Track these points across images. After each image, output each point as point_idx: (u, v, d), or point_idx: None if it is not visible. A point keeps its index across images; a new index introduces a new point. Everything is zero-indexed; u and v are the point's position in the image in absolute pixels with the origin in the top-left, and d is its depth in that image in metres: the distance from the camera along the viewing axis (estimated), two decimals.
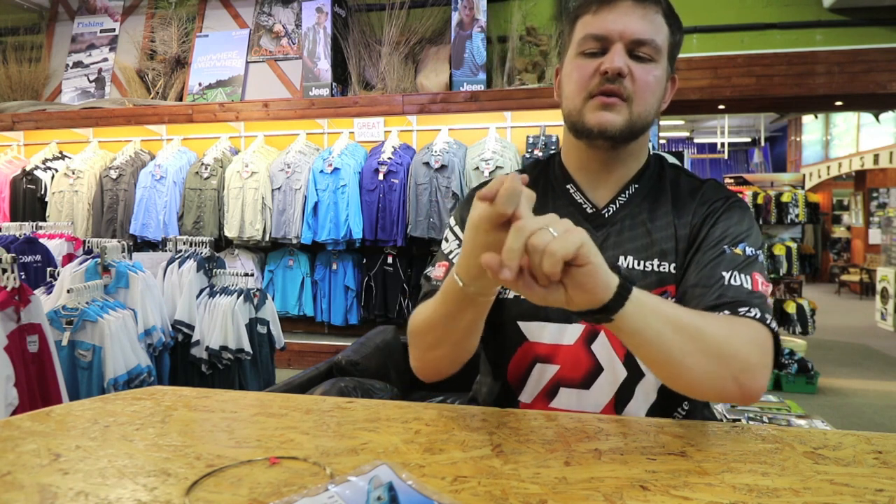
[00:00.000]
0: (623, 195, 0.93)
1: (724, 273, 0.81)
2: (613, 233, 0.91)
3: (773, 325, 0.78)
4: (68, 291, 2.23)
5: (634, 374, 0.87)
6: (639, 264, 0.88)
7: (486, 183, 0.99)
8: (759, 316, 0.76)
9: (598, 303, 0.64)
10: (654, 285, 0.87)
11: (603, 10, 0.85)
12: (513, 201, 0.60)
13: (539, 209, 0.63)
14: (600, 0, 0.86)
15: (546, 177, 0.99)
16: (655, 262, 0.88)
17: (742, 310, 0.77)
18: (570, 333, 0.88)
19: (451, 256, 0.93)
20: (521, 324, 0.90)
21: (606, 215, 0.92)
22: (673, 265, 0.88)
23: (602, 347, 0.87)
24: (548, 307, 0.84)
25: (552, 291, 0.62)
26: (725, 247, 0.84)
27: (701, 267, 0.84)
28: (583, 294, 0.62)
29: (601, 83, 0.84)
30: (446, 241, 0.97)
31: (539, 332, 0.90)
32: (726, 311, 0.77)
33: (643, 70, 0.84)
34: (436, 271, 0.93)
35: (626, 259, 0.89)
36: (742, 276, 0.81)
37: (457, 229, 0.96)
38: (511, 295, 0.91)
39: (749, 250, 0.84)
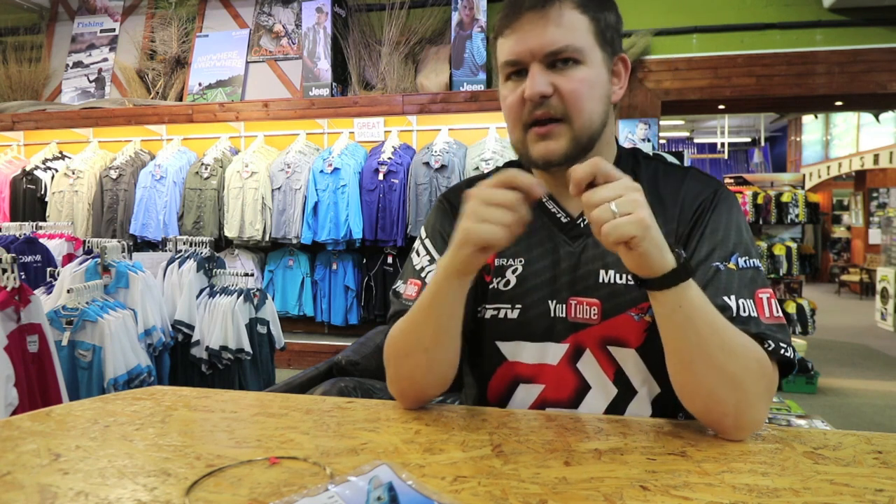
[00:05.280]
0: None
1: (726, 300, 0.76)
2: (591, 244, 0.85)
3: (789, 352, 0.74)
4: (68, 291, 2.23)
5: (626, 393, 0.84)
6: (621, 278, 0.83)
7: (452, 192, 0.96)
8: (771, 348, 0.74)
9: (650, 274, 0.68)
10: (640, 300, 0.81)
11: (510, 32, 0.81)
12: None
13: None
14: (507, 20, 0.81)
15: None
16: None
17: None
18: (554, 353, 0.85)
19: (423, 275, 0.88)
20: (499, 344, 0.88)
21: (582, 225, 0.87)
22: None
23: (588, 366, 0.84)
24: (529, 327, 0.85)
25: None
26: (718, 263, 0.79)
27: None
28: (632, 261, 0.67)
29: (531, 111, 0.80)
30: (417, 254, 0.92)
31: (518, 352, 0.86)
32: None
33: (567, 79, 0.79)
34: (407, 289, 0.88)
35: (607, 273, 0.83)
36: (746, 302, 0.76)
37: (427, 243, 0.91)
38: (488, 315, 0.88)
39: (742, 261, 0.79)
